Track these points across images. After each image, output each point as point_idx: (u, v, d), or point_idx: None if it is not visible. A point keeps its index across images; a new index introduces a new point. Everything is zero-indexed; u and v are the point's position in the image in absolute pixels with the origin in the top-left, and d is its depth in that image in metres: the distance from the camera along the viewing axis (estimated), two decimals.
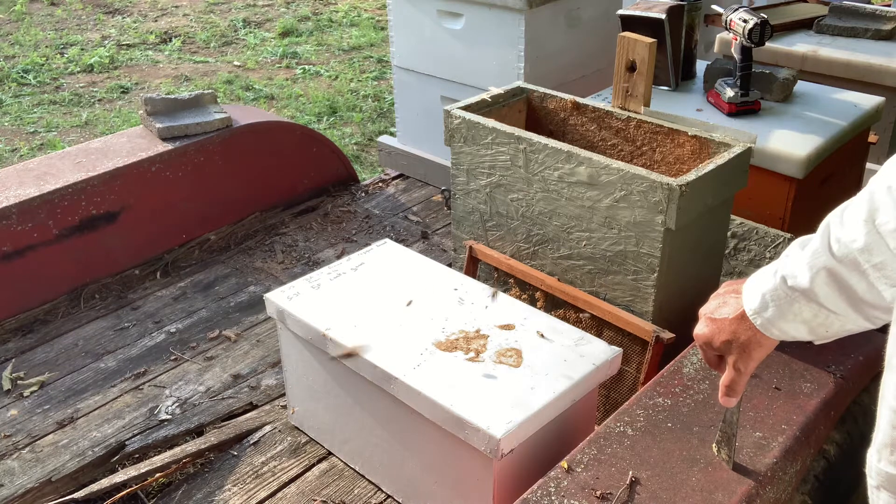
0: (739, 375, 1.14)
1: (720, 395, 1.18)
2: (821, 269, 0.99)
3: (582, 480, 1.31)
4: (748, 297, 1.08)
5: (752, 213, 2.08)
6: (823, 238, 0.99)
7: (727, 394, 1.17)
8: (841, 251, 0.96)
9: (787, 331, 1.06)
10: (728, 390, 1.16)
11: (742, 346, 1.10)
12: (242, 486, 1.82)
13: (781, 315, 1.04)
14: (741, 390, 1.16)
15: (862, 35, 2.73)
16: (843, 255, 0.96)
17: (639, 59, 1.86)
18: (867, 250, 0.93)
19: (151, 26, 6.49)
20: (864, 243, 0.93)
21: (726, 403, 1.19)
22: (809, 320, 1.03)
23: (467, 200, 2.04)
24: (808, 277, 1.00)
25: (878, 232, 0.92)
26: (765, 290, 1.06)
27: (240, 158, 2.81)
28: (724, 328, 1.11)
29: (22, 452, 1.94)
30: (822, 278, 0.99)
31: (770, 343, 1.10)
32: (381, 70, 5.58)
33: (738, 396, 1.18)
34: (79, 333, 2.37)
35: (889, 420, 0.87)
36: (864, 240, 0.93)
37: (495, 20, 2.70)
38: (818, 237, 1.01)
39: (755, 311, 1.07)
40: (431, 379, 1.54)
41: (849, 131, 2.23)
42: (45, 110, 5.02)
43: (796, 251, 1.04)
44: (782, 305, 1.04)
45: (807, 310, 1.02)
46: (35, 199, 2.38)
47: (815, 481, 1.50)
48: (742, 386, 1.16)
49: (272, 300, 1.81)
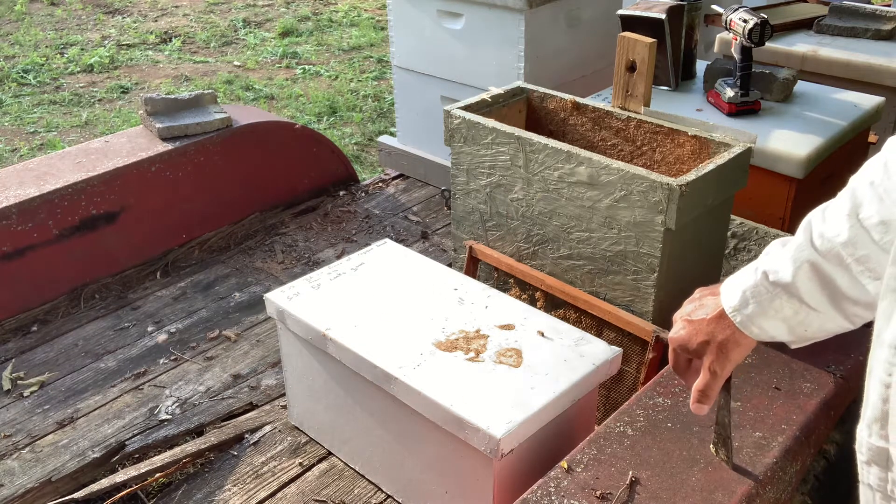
0: (714, 379, 1.11)
1: (692, 401, 1.14)
2: (804, 262, 0.99)
3: (582, 480, 1.31)
4: (727, 295, 1.08)
5: (752, 213, 2.08)
6: (806, 234, 1.00)
7: (700, 399, 1.13)
8: (824, 246, 0.97)
9: (767, 329, 1.05)
10: (701, 395, 1.13)
11: (719, 347, 1.09)
12: (242, 486, 1.83)
13: (762, 312, 1.04)
14: (714, 395, 1.13)
15: (862, 35, 2.73)
16: (826, 249, 0.97)
17: (639, 59, 1.86)
18: (851, 244, 0.95)
19: (151, 26, 6.49)
20: (847, 237, 0.95)
21: (698, 411, 1.15)
22: (789, 318, 1.03)
23: (467, 200, 2.04)
24: (790, 272, 1.00)
25: (862, 226, 0.93)
26: (745, 286, 1.05)
27: (240, 158, 2.81)
28: (701, 329, 1.10)
29: (22, 452, 1.94)
30: (804, 273, 0.99)
31: (748, 343, 1.08)
32: (381, 70, 5.58)
33: (710, 402, 1.13)
34: (79, 333, 2.37)
35: (879, 394, 0.86)
36: (847, 234, 0.95)
37: (495, 20, 2.70)
38: (800, 234, 1.01)
39: (735, 309, 1.06)
40: (431, 379, 1.54)
41: (849, 131, 2.23)
42: (45, 110, 5.02)
43: (777, 248, 1.04)
44: (763, 302, 1.03)
45: (787, 306, 1.02)
46: (35, 199, 2.38)
47: (815, 481, 1.50)
48: (716, 391, 1.13)
49: (272, 300, 1.81)
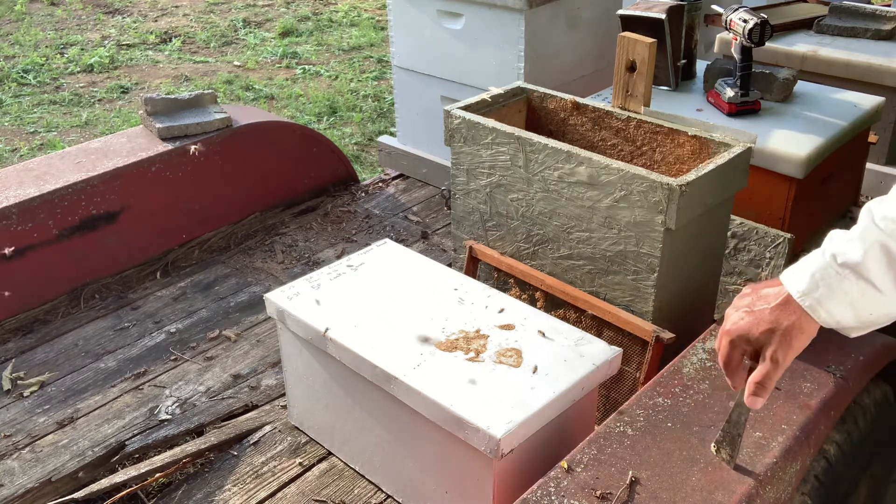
0: (776, 368, 1.11)
1: (748, 393, 1.14)
2: (873, 242, 1.03)
3: (582, 480, 1.31)
4: (794, 280, 1.09)
5: (752, 213, 2.08)
6: (868, 218, 1.04)
7: (757, 392, 1.13)
8: (889, 227, 1.02)
9: (834, 313, 1.07)
10: (759, 388, 1.13)
11: (784, 334, 1.09)
12: (242, 486, 1.82)
13: (831, 294, 1.06)
14: (772, 387, 1.13)
15: (862, 35, 2.73)
16: (892, 230, 1.01)
17: (639, 59, 1.86)
18: None
19: (151, 26, 6.49)
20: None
21: (754, 404, 1.15)
22: (856, 301, 1.05)
23: (467, 200, 2.04)
24: (860, 253, 1.03)
25: None
26: (813, 269, 1.07)
27: (240, 158, 2.81)
28: (764, 317, 1.11)
29: (22, 452, 1.94)
30: (874, 253, 1.03)
31: (812, 329, 1.10)
32: (381, 70, 5.58)
33: (768, 394, 1.13)
34: (79, 333, 2.37)
35: None
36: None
37: (495, 20, 2.70)
38: (863, 219, 1.05)
39: (804, 293, 1.08)
40: (431, 379, 1.54)
41: (849, 131, 2.23)
42: (45, 110, 5.02)
43: (840, 234, 1.07)
44: (832, 284, 1.06)
45: (855, 288, 1.05)
46: (35, 199, 2.38)
47: (815, 481, 1.50)
48: (775, 382, 1.13)
49: (272, 300, 1.81)
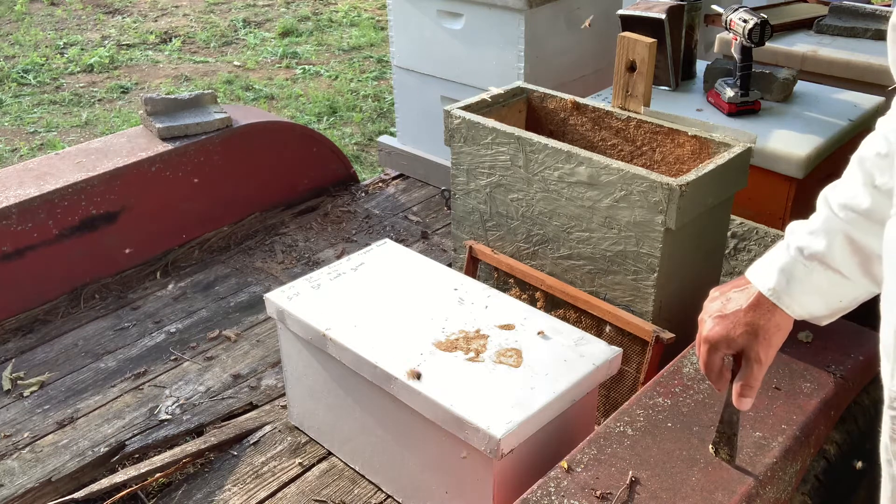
0: (760, 367, 1.12)
1: (736, 395, 1.14)
2: (837, 232, 1.04)
3: (582, 480, 1.31)
4: (763, 277, 1.09)
5: (752, 213, 2.08)
6: (827, 208, 1.05)
7: (745, 393, 1.13)
8: (849, 215, 1.03)
9: (806, 305, 1.08)
10: (745, 388, 1.13)
11: (763, 333, 1.09)
12: (242, 486, 1.82)
13: (801, 288, 1.07)
14: (759, 385, 1.13)
15: (862, 35, 2.73)
16: (851, 217, 1.02)
17: (639, 59, 1.86)
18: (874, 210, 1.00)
19: (151, 26, 6.48)
20: (870, 204, 1.01)
21: (743, 406, 1.15)
22: (826, 290, 1.06)
23: (467, 200, 2.04)
24: (824, 243, 1.04)
25: (880, 192, 1.00)
26: (781, 264, 1.08)
27: (240, 158, 2.81)
28: (739, 320, 1.10)
29: (22, 452, 1.94)
30: (838, 241, 1.03)
31: (787, 324, 1.10)
32: (381, 70, 5.58)
33: (755, 394, 1.13)
34: (79, 333, 2.37)
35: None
36: (869, 201, 1.01)
37: (495, 20, 2.70)
38: (822, 209, 1.06)
39: (774, 290, 1.08)
40: (431, 379, 1.54)
41: (849, 131, 2.23)
42: (45, 110, 5.01)
43: (801, 227, 1.08)
44: (801, 277, 1.06)
45: (824, 279, 1.05)
46: (35, 199, 2.38)
47: (815, 481, 1.50)
48: (760, 381, 1.13)
49: (272, 300, 1.81)
